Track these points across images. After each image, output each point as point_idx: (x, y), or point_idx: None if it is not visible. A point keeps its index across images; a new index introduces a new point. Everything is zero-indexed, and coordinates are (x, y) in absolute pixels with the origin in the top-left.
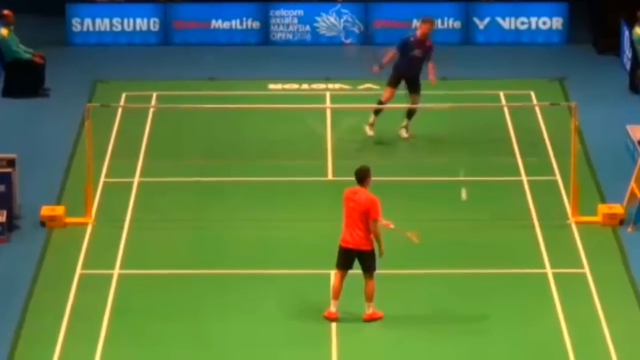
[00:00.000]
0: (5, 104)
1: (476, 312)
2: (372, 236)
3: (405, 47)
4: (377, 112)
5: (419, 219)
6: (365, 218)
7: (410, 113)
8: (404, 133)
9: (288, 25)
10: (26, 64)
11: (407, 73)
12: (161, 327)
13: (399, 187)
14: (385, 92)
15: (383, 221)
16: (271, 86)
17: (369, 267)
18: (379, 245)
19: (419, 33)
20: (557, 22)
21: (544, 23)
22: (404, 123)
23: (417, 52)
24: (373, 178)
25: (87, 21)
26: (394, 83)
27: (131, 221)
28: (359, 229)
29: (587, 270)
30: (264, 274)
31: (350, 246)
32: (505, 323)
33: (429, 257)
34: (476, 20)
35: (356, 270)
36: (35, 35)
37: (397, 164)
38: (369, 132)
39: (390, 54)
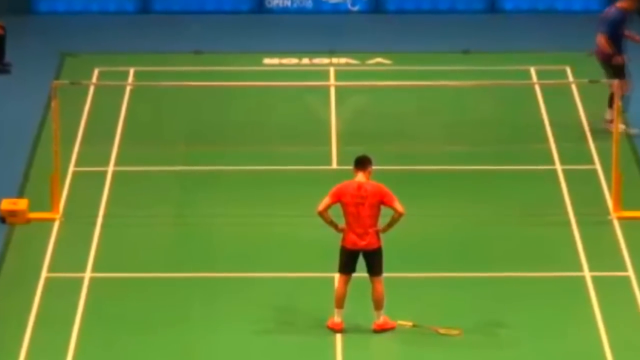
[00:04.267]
0: None
1: (503, 322)
2: (379, 229)
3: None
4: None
5: (436, 214)
6: (377, 210)
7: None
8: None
9: None
10: None
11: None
12: (139, 339)
13: (413, 177)
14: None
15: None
16: (266, 61)
17: (378, 269)
18: (391, 225)
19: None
20: None
21: None
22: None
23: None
24: (383, 167)
25: None
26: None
27: (105, 217)
28: (368, 225)
29: (631, 273)
30: (258, 278)
31: (357, 247)
32: (536, 334)
33: (447, 259)
34: None
35: (361, 274)
36: None
37: (411, 150)
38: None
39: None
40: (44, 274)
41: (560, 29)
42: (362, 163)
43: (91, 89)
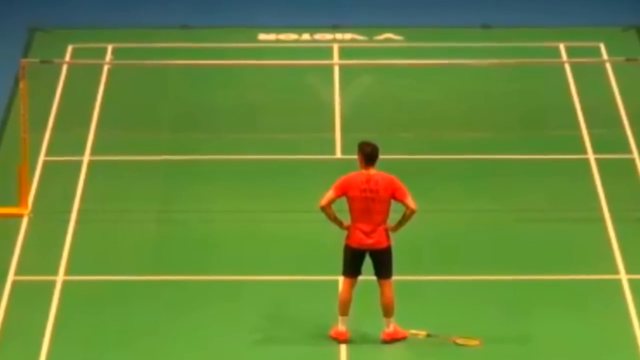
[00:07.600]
0: None
1: (527, 331)
2: (389, 227)
3: None
4: None
5: (452, 209)
6: (388, 205)
7: None
8: None
9: None
10: None
11: None
12: (118, 352)
13: (426, 168)
14: None
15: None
16: (262, 37)
17: (387, 270)
18: (402, 224)
19: None
20: None
21: None
22: None
23: None
24: (392, 156)
25: None
26: None
27: (79, 212)
28: (377, 222)
29: None
30: (253, 282)
31: (363, 245)
32: (565, 345)
33: (465, 260)
34: None
35: (369, 276)
36: None
37: (423, 137)
38: None
39: None
40: (10, 277)
41: (593, 0)
42: (373, 158)
43: (64, 69)
